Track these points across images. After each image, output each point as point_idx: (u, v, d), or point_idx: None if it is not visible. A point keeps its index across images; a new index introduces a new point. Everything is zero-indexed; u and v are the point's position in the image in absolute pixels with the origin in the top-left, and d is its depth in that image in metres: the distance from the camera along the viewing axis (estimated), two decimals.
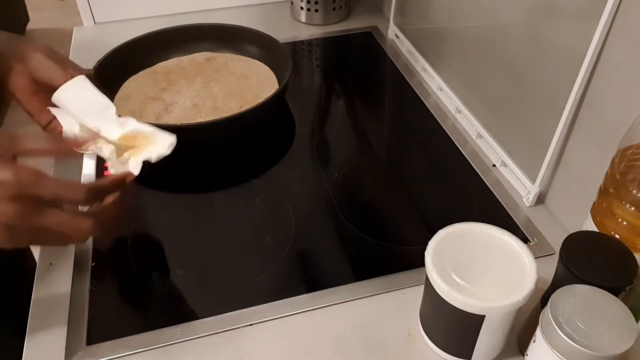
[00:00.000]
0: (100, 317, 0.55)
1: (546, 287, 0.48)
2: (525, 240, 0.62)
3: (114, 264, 0.61)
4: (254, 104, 0.74)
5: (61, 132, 0.54)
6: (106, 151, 0.51)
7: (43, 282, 0.58)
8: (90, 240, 0.62)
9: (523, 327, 0.51)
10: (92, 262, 0.60)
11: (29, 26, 2.54)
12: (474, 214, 0.66)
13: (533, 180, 0.65)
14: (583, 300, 0.41)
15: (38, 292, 0.58)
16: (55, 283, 0.58)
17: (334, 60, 1.00)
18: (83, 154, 0.52)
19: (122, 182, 0.48)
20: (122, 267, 0.60)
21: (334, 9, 1.04)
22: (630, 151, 0.46)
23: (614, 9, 0.50)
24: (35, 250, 0.63)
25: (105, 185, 0.47)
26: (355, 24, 1.06)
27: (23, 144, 0.44)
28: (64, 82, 0.54)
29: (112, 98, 0.81)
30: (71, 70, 0.55)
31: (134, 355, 0.52)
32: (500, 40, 0.69)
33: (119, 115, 0.53)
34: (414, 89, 0.87)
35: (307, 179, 0.72)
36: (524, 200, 0.67)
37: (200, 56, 0.90)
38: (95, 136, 0.51)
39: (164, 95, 0.81)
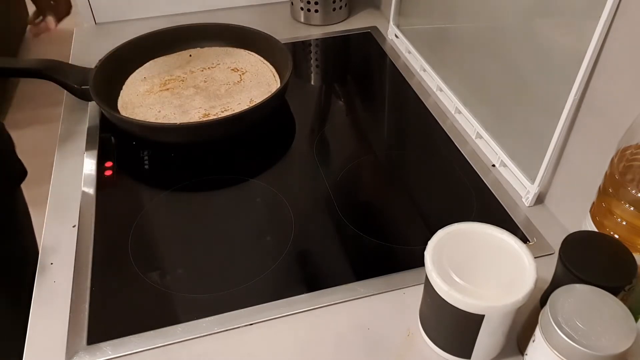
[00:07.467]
0: (100, 317, 0.55)
1: (545, 286, 0.49)
2: (524, 240, 0.62)
3: (114, 264, 0.61)
4: (254, 104, 0.74)
5: None
6: None
7: (43, 282, 0.59)
8: (90, 240, 0.62)
9: (522, 327, 0.51)
10: (92, 262, 0.60)
11: None
12: (474, 214, 0.66)
13: (532, 180, 0.65)
14: (582, 299, 0.41)
15: (39, 292, 0.58)
16: (56, 283, 0.58)
17: (334, 61, 1.00)
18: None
19: None
20: (122, 267, 0.60)
21: (333, 10, 1.04)
22: (630, 151, 0.46)
23: (614, 9, 0.50)
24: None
25: None
26: (354, 24, 1.06)
27: None
28: None
29: (112, 97, 0.81)
30: None
31: (134, 355, 0.52)
32: (499, 40, 0.69)
33: None
34: (414, 89, 0.87)
35: (307, 179, 0.72)
36: (524, 200, 0.67)
37: None
38: None
39: (164, 94, 0.81)
